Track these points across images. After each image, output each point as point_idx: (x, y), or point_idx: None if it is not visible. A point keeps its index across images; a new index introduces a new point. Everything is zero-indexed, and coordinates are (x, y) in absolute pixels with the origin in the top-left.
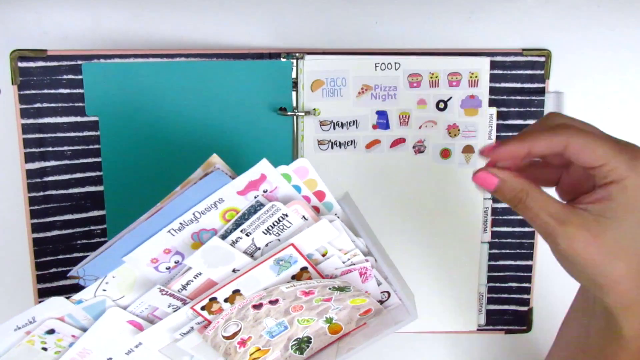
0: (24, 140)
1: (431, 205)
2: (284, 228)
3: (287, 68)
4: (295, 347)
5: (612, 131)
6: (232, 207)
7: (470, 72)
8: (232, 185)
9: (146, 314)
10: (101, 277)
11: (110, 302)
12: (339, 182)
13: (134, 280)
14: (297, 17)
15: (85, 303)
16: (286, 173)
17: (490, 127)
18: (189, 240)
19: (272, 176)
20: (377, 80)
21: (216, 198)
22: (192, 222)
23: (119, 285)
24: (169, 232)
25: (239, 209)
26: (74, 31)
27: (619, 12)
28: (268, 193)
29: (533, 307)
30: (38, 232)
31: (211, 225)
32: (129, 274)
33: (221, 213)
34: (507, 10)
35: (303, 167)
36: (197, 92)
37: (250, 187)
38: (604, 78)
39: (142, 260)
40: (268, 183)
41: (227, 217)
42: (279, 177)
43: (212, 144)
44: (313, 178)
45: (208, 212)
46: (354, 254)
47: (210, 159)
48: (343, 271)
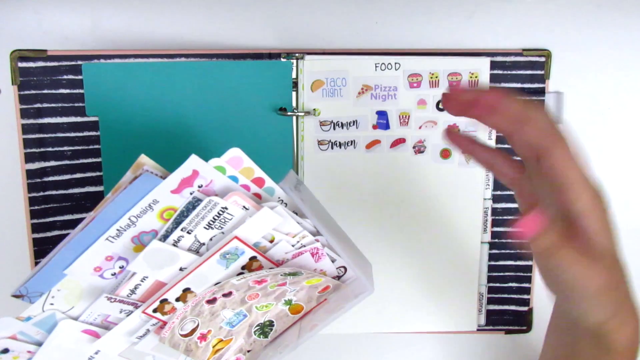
0: (24, 140)
1: (431, 205)
2: (226, 221)
3: (287, 68)
4: (259, 332)
5: (612, 131)
6: (168, 206)
7: (470, 72)
8: (164, 185)
9: (100, 320)
10: (46, 292)
11: (60, 314)
12: (339, 182)
13: (80, 291)
14: (297, 17)
15: (35, 319)
16: (219, 165)
17: None
18: (130, 244)
19: (204, 171)
20: (377, 80)
21: (150, 200)
22: (129, 227)
23: (65, 297)
24: (107, 239)
25: (177, 207)
26: (74, 31)
27: (619, 12)
28: (204, 188)
29: (533, 307)
30: (38, 232)
31: (150, 226)
32: (75, 285)
33: (158, 213)
34: (507, 10)
35: (236, 156)
36: (197, 92)
37: (183, 184)
38: (604, 78)
39: (85, 270)
40: (202, 178)
41: (165, 216)
42: (212, 170)
43: (212, 144)
44: (249, 166)
45: (144, 214)
46: (302, 236)
47: (138, 159)
48: (294, 254)
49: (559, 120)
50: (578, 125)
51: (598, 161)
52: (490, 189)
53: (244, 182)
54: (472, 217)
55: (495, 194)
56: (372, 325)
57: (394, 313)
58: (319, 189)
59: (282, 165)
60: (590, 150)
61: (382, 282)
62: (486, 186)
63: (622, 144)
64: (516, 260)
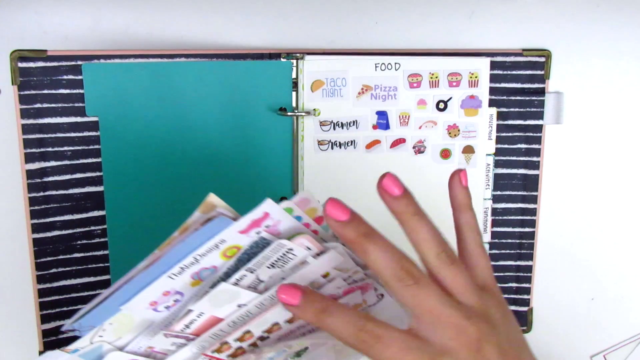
0: (24, 140)
1: (431, 205)
2: (289, 260)
3: (287, 68)
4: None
5: (613, 131)
6: (233, 245)
7: (470, 73)
8: (234, 226)
9: (144, 349)
10: (98, 326)
11: (106, 345)
12: (339, 182)
13: (131, 323)
14: (297, 17)
15: (82, 351)
16: (289, 207)
17: (490, 127)
18: (188, 280)
19: (275, 213)
20: (377, 81)
21: (218, 240)
22: (192, 265)
23: (115, 330)
24: (169, 277)
25: (241, 246)
26: (74, 31)
27: (619, 12)
28: (270, 227)
29: (533, 307)
30: (38, 233)
31: (211, 263)
32: (127, 319)
33: (222, 252)
34: (507, 10)
35: (305, 198)
36: (197, 92)
37: (252, 225)
38: (604, 78)
39: (142, 305)
40: (271, 219)
41: (228, 254)
42: (281, 212)
43: (212, 144)
44: (314, 207)
45: (209, 253)
46: (355, 271)
47: (208, 199)
48: (345, 290)
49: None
50: (578, 125)
51: (598, 161)
52: (490, 189)
53: (306, 220)
54: None
55: (495, 194)
56: None
57: (394, 314)
58: (319, 189)
59: (282, 165)
60: (590, 151)
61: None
62: (486, 186)
63: (622, 144)
64: (516, 260)
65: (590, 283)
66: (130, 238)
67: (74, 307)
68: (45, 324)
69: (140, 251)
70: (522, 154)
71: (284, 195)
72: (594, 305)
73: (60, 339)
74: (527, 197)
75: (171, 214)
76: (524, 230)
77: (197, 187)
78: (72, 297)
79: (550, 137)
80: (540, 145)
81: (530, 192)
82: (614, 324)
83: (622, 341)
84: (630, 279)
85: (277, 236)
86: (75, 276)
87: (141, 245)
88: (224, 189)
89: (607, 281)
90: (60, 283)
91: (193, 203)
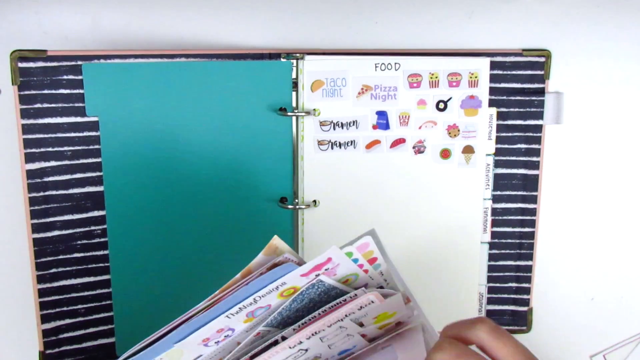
0: (24, 140)
1: (431, 205)
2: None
3: (287, 68)
4: None
5: (612, 131)
6: (292, 286)
7: (470, 73)
8: (297, 271)
9: None
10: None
11: None
12: (339, 182)
13: (180, 357)
14: (297, 17)
15: None
16: (349, 252)
17: (490, 127)
18: (242, 317)
19: (336, 257)
20: (377, 81)
21: (279, 283)
22: (250, 305)
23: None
24: (227, 316)
25: (299, 287)
26: (74, 31)
27: (618, 12)
28: (329, 270)
29: (533, 307)
30: (38, 233)
31: (267, 302)
32: (178, 354)
33: (280, 292)
34: (507, 10)
35: (365, 243)
36: (197, 92)
37: (314, 269)
38: (604, 78)
39: (195, 342)
40: (331, 263)
41: (285, 294)
42: (343, 257)
43: (212, 144)
44: (371, 250)
45: (268, 295)
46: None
47: (273, 242)
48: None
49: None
50: (578, 125)
51: (598, 161)
52: (490, 189)
53: (361, 262)
54: (472, 217)
55: (495, 194)
56: None
57: None
58: (319, 189)
59: (282, 165)
60: (590, 151)
61: None
62: (486, 186)
63: (622, 144)
64: (516, 260)
65: (590, 283)
66: (130, 238)
67: (74, 307)
68: (45, 324)
69: (141, 251)
70: (522, 154)
71: (284, 196)
72: (594, 305)
73: (61, 339)
74: (527, 197)
75: (171, 214)
76: (524, 230)
77: (197, 187)
78: (72, 297)
79: (550, 137)
80: (540, 145)
81: (530, 192)
82: (614, 324)
83: (622, 341)
84: (630, 279)
85: (333, 277)
86: (75, 276)
87: (141, 245)
88: (223, 189)
89: (607, 281)
90: (60, 283)
91: (193, 203)
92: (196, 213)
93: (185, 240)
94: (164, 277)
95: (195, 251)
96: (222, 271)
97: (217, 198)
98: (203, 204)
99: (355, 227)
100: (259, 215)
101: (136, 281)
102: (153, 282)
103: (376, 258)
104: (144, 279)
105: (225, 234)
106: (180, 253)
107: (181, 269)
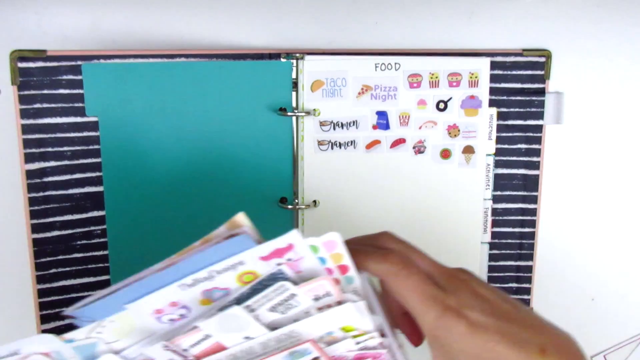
0: (24, 140)
1: (431, 205)
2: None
3: (287, 68)
4: None
5: (613, 132)
6: (251, 270)
7: (470, 73)
8: (256, 250)
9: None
10: (98, 320)
11: (102, 344)
12: (339, 182)
13: (132, 327)
14: (297, 17)
15: (76, 343)
16: (314, 245)
17: (490, 127)
18: (198, 296)
19: (299, 247)
20: (377, 81)
21: (236, 260)
22: (206, 280)
23: (115, 330)
24: (180, 286)
25: (259, 274)
26: (74, 31)
27: (619, 12)
28: (292, 261)
29: (533, 307)
30: (38, 233)
31: (225, 284)
32: (129, 320)
33: (238, 275)
34: (507, 10)
35: (332, 240)
36: (197, 92)
37: (275, 254)
38: (604, 78)
39: (146, 310)
40: (294, 252)
41: (245, 279)
42: (306, 248)
43: (212, 144)
44: (340, 252)
45: (225, 272)
46: (371, 336)
47: (236, 218)
48: (357, 356)
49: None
50: (578, 125)
51: (598, 161)
52: (490, 189)
53: (329, 265)
54: (472, 217)
55: (495, 194)
56: None
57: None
58: (319, 189)
59: (282, 165)
60: (590, 151)
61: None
62: (486, 186)
63: (622, 144)
64: (516, 260)
65: (590, 283)
66: (130, 238)
67: None
68: (45, 324)
69: (140, 251)
70: (522, 154)
71: (284, 196)
72: (594, 305)
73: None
74: (527, 197)
75: (171, 214)
76: (524, 230)
77: (197, 187)
78: (72, 297)
79: (550, 137)
80: (540, 145)
81: (530, 192)
82: (614, 324)
83: (622, 341)
84: (630, 279)
85: (298, 273)
86: (75, 276)
87: (141, 245)
88: (223, 189)
89: (607, 281)
90: (60, 283)
91: (193, 203)
92: (196, 213)
93: (185, 240)
94: None
95: None
96: None
97: (217, 198)
98: (203, 204)
99: (355, 227)
100: (259, 215)
101: None
102: None
103: (347, 267)
104: None
105: None
106: None
107: None
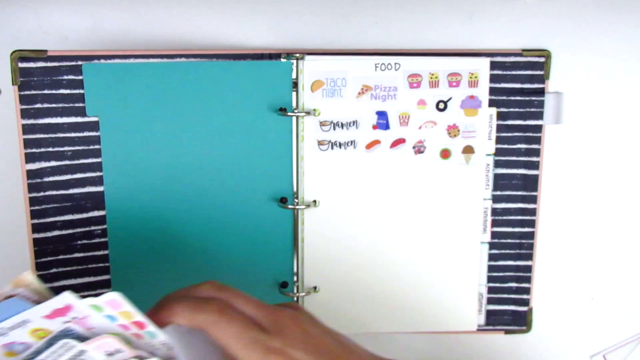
0: (25, 140)
1: (431, 205)
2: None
3: (287, 68)
4: None
5: (612, 132)
6: (41, 328)
7: (470, 73)
8: (35, 310)
9: None
10: None
11: None
12: (339, 182)
13: None
14: (297, 17)
15: None
16: (96, 305)
17: (490, 127)
18: (2, 349)
19: (78, 307)
20: (377, 81)
21: (21, 319)
22: (2, 335)
23: None
24: None
25: (50, 330)
26: (75, 31)
27: (619, 12)
28: (78, 319)
29: (533, 307)
30: (38, 233)
31: (21, 339)
32: None
33: (31, 331)
34: (507, 10)
35: (114, 300)
36: (197, 92)
37: (56, 314)
38: (604, 78)
39: None
40: (76, 312)
41: (39, 334)
42: (87, 308)
43: (212, 144)
44: (127, 310)
45: (15, 329)
46: None
47: (21, 276)
48: None
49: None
50: (578, 125)
51: (598, 161)
52: (490, 189)
53: (122, 322)
54: (472, 217)
55: (495, 194)
56: (371, 325)
57: (393, 313)
58: (319, 189)
59: (282, 165)
60: (590, 151)
61: (381, 282)
62: (486, 186)
63: (622, 144)
64: (516, 260)
65: (590, 283)
66: (130, 238)
67: None
68: None
69: (140, 251)
70: (521, 154)
71: (284, 196)
72: (594, 305)
73: None
74: (527, 197)
75: (171, 214)
76: (524, 230)
77: (196, 187)
78: None
79: (550, 137)
80: (540, 145)
81: (530, 192)
82: (614, 324)
83: (622, 341)
84: (630, 279)
85: (90, 330)
86: (75, 276)
87: (141, 245)
88: (223, 189)
89: (607, 281)
90: (60, 283)
91: (193, 203)
92: (196, 213)
93: (185, 240)
94: (164, 277)
95: (195, 251)
96: (222, 271)
97: (217, 198)
98: (203, 204)
99: (355, 227)
100: (259, 215)
101: (136, 281)
102: (153, 282)
103: (144, 324)
104: (144, 279)
105: (225, 234)
106: (180, 253)
107: (181, 269)
